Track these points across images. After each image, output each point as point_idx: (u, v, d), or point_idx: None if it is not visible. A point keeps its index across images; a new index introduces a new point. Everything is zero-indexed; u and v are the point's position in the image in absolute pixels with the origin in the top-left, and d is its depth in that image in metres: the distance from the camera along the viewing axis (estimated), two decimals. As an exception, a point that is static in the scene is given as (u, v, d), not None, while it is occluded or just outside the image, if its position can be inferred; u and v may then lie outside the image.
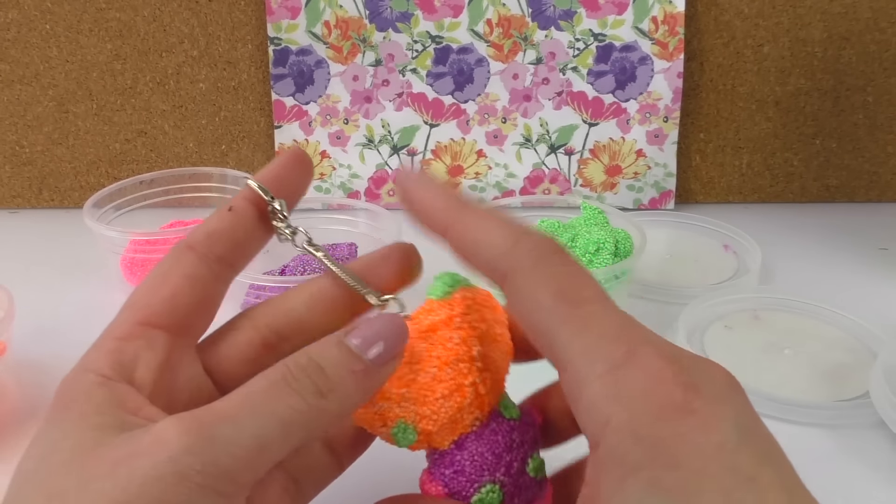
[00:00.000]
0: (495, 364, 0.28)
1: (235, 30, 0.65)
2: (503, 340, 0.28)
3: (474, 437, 0.27)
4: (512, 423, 0.28)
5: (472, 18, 0.64)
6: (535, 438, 0.28)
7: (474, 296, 0.28)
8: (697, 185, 0.69)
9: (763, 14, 0.63)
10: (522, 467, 0.27)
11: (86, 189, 0.69)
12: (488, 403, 0.27)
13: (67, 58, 0.65)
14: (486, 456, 0.27)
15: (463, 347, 0.27)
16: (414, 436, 0.27)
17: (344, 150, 0.67)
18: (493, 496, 0.26)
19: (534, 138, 0.67)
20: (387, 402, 0.26)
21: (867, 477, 0.38)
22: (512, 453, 0.27)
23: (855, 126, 0.67)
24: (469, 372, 0.26)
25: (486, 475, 0.27)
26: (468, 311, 0.27)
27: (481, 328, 0.27)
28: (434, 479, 0.27)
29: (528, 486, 0.27)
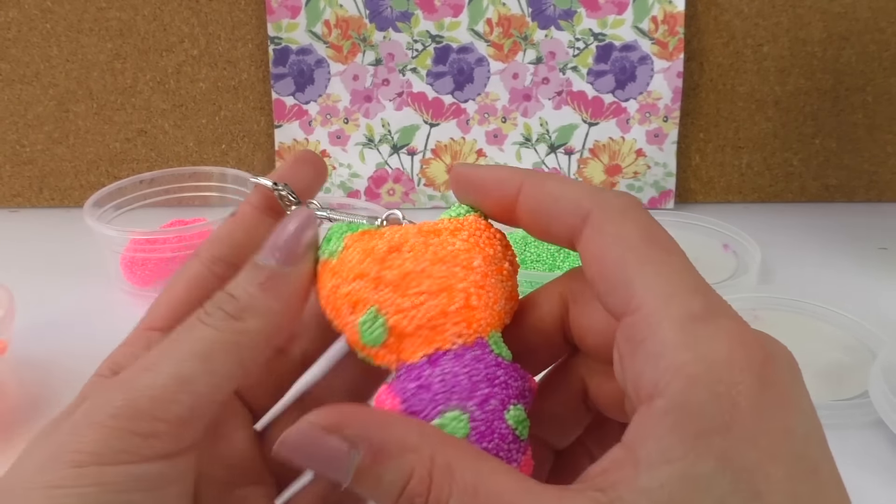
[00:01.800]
0: (493, 292, 0.24)
1: (236, 29, 0.65)
2: (508, 279, 0.25)
3: (453, 355, 0.23)
4: (500, 360, 0.23)
5: (473, 18, 0.64)
6: (523, 390, 0.24)
7: (489, 225, 0.25)
8: (697, 185, 0.69)
9: (763, 14, 0.64)
10: (502, 410, 0.23)
11: (86, 188, 0.69)
12: (479, 323, 0.23)
13: (68, 57, 0.65)
14: (460, 378, 0.22)
15: (464, 254, 0.24)
16: (383, 332, 0.23)
17: (344, 149, 0.67)
18: (458, 425, 0.22)
19: (534, 138, 0.67)
20: (361, 281, 0.23)
21: (866, 476, 0.38)
22: (493, 388, 0.23)
23: (854, 126, 0.67)
24: (464, 278, 0.23)
25: (454, 399, 0.22)
26: (478, 231, 0.24)
27: (488, 252, 0.24)
28: (392, 392, 0.23)
29: (502, 434, 0.23)
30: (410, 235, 0.24)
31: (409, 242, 0.24)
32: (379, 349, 0.23)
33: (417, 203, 0.69)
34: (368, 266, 0.23)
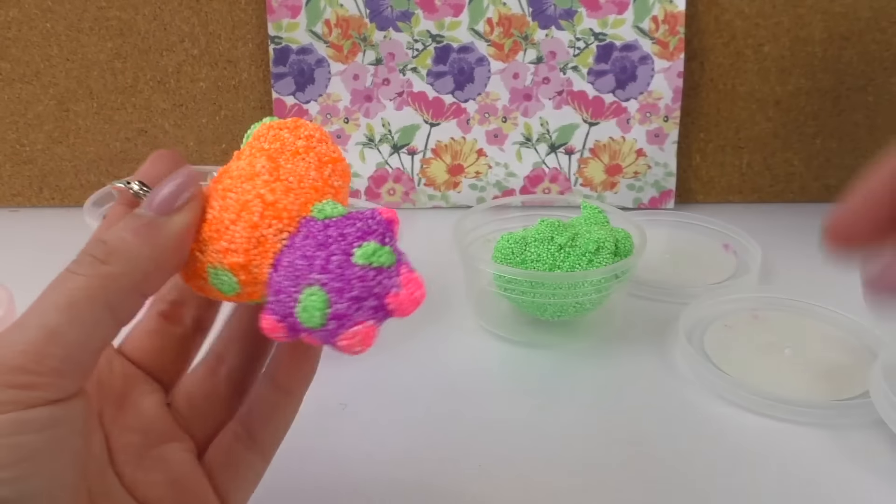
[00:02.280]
0: (294, 173, 0.25)
1: (236, 28, 0.65)
2: (309, 152, 0.26)
3: (286, 251, 0.24)
4: (326, 222, 0.24)
5: (473, 17, 0.64)
6: (367, 230, 0.24)
7: (270, 125, 0.27)
8: (698, 185, 0.69)
9: (763, 14, 0.63)
10: (346, 259, 0.23)
11: (86, 188, 0.69)
12: (286, 210, 0.25)
13: (68, 56, 0.65)
14: (296, 263, 0.24)
15: (246, 168, 0.25)
16: (231, 277, 0.24)
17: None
18: (315, 298, 0.23)
19: (534, 137, 0.67)
20: (194, 254, 0.25)
21: (867, 476, 0.38)
22: (326, 249, 0.24)
23: (855, 126, 0.67)
24: (253, 187, 0.24)
25: (300, 280, 0.23)
26: (259, 139, 0.26)
27: (273, 147, 0.26)
28: (266, 313, 0.24)
29: (361, 277, 0.23)
30: (211, 189, 0.25)
31: (210, 196, 0.25)
32: (241, 291, 0.25)
33: (418, 203, 0.69)
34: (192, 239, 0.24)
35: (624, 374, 0.46)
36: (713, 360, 0.46)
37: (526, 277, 0.46)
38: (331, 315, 0.23)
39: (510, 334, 0.50)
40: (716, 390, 0.44)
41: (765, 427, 0.41)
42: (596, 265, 0.46)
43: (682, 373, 0.46)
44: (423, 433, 0.41)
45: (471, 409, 0.43)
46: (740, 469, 0.39)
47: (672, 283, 0.55)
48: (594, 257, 0.46)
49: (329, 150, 0.27)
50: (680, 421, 0.42)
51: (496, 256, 0.49)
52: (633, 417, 0.43)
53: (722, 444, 0.40)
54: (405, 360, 0.48)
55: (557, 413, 0.43)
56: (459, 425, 0.42)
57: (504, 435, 0.41)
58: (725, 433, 0.41)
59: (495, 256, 0.49)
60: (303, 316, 0.23)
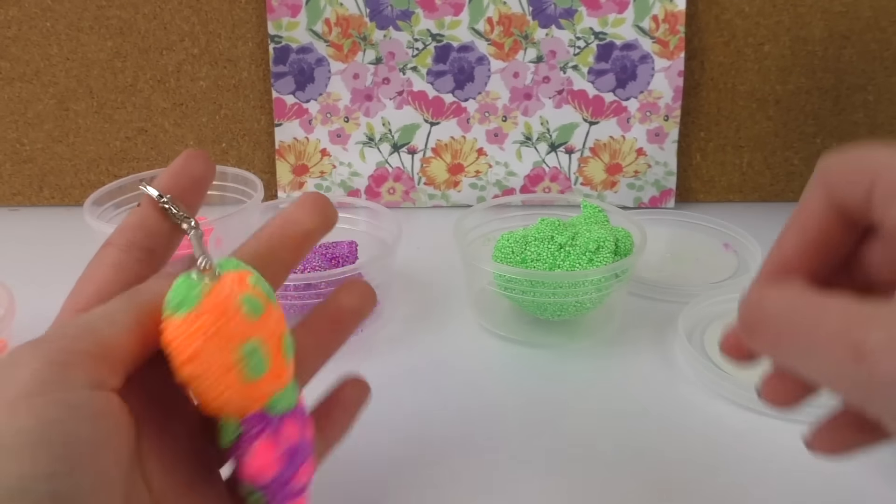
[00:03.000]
0: (219, 366, 0.24)
1: (236, 28, 0.65)
2: (246, 330, 0.24)
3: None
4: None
5: (473, 17, 0.64)
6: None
7: (211, 294, 0.24)
8: (698, 184, 0.69)
9: (764, 13, 0.63)
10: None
11: (86, 187, 0.69)
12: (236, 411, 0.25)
13: (68, 55, 0.65)
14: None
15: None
16: (235, 430, 0.26)
17: (344, 148, 0.67)
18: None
19: (534, 137, 0.67)
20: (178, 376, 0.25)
21: (867, 476, 0.38)
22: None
23: (855, 125, 0.67)
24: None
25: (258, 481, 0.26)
26: (201, 317, 0.24)
27: (209, 345, 0.24)
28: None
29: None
30: None
31: None
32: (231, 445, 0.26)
33: (418, 202, 0.68)
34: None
35: (624, 373, 0.46)
36: (713, 359, 0.46)
37: (526, 277, 0.46)
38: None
39: (510, 333, 0.50)
40: (716, 389, 0.44)
41: (765, 426, 0.41)
42: (596, 264, 0.46)
43: (683, 372, 0.46)
44: (422, 432, 0.41)
45: (471, 408, 0.43)
46: (741, 468, 0.39)
47: (672, 282, 0.55)
48: (594, 256, 0.46)
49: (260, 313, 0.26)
50: (680, 420, 0.42)
51: (496, 256, 0.49)
52: (633, 416, 0.43)
53: (722, 443, 0.40)
54: (405, 360, 0.48)
55: (557, 412, 0.43)
56: (459, 424, 0.42)
57: (504, 434, 0.41)
58: (726, 432, 0.41)
59: (495, 256, 0.49)
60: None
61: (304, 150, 0.67)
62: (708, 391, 0.44)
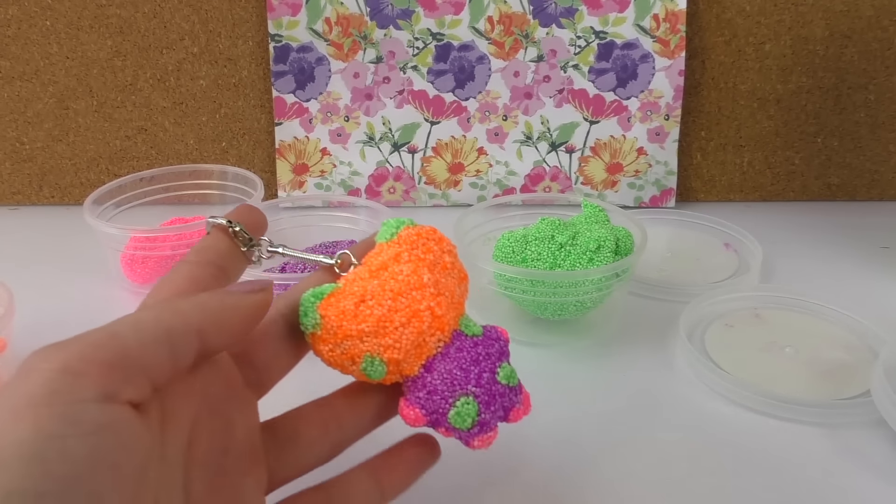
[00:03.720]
0: (448, 288, 0.30)
1: (236, 26, 0.65)
2: (454, 268, 0.30)
3: (440, 357, 0.29)
4: (475, 339, 0.30)
5: (474, 16, 0.64)
6: (501, 351, 0.30)
7: (419, 231, 0.30)
8: (698, 184, 0.69)
9: (765, 12, 0.63)
10: (493, 377, 0.29)
11: (86, 186, 0.69)
12: (448, 324, 0.29)
13: (68, 54, 0.65)
14: (454, 372, 0.29)
15: (413, 277, 0.28)
16: (383, 367, 0.28)
17: (344, 147, 0.67)
18: (469, 407, 0.28)
19: (535, 136, 0.67)
20: (350, 339, 0.28)
21: (867, 476, 0.38)
22: (479, 365, 0.29)
23: (856, 124, 0.67)
24: (423, 297, 0.28)
25: (458, 389, 0.28)
26: (414, 245, 0.29)
27: (429, 258, 0.29)
28: (411, 404, 0.29)
29: (501, 393, 0.29)
30: (365, 282, 0.29)
31: (367, 291, 0.28)
32: (386, 378, 0.29)
33: (418, 201, 0.68)
34: (347, 327, 0.28)
35: (624, 373, 0.46)
36: (714, 358, 0.46)
37: (526, 276, 0.46)
38: (478, 422, 0.29)
39: (511, 333, 0.50)
40: (717, 389, 0.44)
41: (765, 426, 0.41)
42: (596, 264, 0.46)
43: (683, 372, 0.46)
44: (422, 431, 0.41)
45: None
46: (741, 468, 0.38)
47: (673, 281, 0.55)
48: (595, 256, 0.46)
49: (461, 265, 0.31)
50: (680, 420, 0.42)
51: (497, 255, 0.48)
52: (633, 416, 0.43)
53: (722, 443, 0.40)
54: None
55: (557, 411, 0.43)
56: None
57: (503, 433, 0.41)
58: (726, 432, 0.41)
59: (496, 255, 0.49)
60: (455, 419, 0.29)
61: (305, 150, 0.67)
62: (708, 391, 0.44)
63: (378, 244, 0.30)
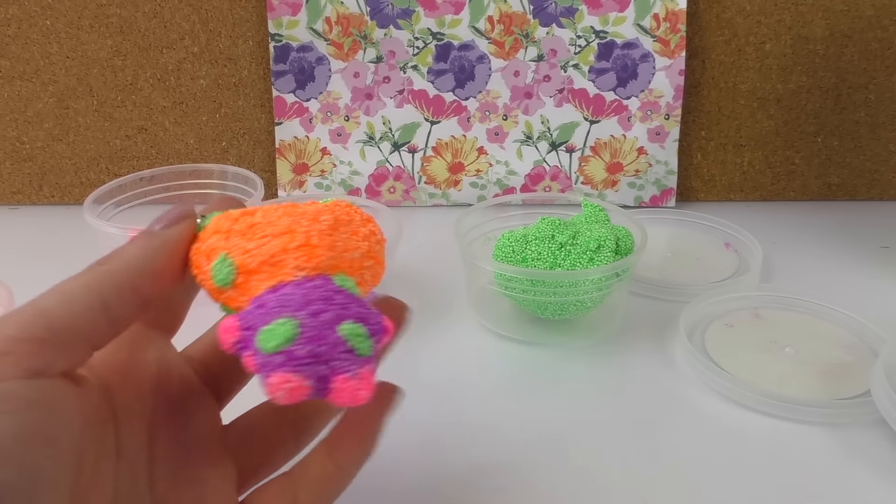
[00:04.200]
0: (345, 243, 0.26)
1: (236, 26, 0.65)
2: (365, 240, 0.27)
3: (293, 285, 0.25)
4: (341, 289, 0.25)
5: (474, 15, 0.64)
6: (366, 318, 0.25)
7: (352, 206, 0.28)
8: (699, 183, 0.69)
9: (765, 11, 0.63)
10: (334, 322, 0.24)
11: (86, 185, 0.69)
12: (317, 258, 0.25)
13: (68, 54, 0.65)
14: (295, 297, 0.24)
15: (312, 212, 0.26)
16: (231, 272, 0.25)
17: (345, 146, 0.67)
18: (283, 328, 0.23)
19: (535, 135, 0.67)
20: (216, 236, 0.26)
21: (868, 476, 0.38)
22: (328, 305, 0.24)
23: (857, 124, 0.67)
24: (307, 226, 0.26)
25: (286, 311, 0.24)
26: (336, 206, 0.28)
27: (342, 217, 0.27)
28: (234, 317, 0.25)
29: (333, 343, 0.24)
30: (269, 208, 0.26)
31: (263, 209, 0.26)
32: (230, 291, 0.25)
33: (418, 201, 0.68)
34: (222, 223, 0.26)
35: (625, 372, 0.46)
36: (714, 358, 0.46)
37: (526, 276, 0.46)
38: (284, 350, 0.23)
39: (511, 333, 0.50)
40: (717, 389, 0.44)
41: (765, 425, 0.41)
42: (597, 263, 0.46)
43: (683, 371, 0.46)
44: (422, 431, 0.41)
45: (471, 408, 0.43)
46: (741, 468, 0.38)
47: (673, 281, 0.55)
48: (595, 256, 0.46)
49: (380, 251, 0.28)
50: (681, 420, 0.42)
51: (497, 255, 0.48)
52: (633, 416, 0.43)
53: (723, 443, 0.40)
54: (405, 359, 0.48)
55: (558, 411, 0.43)
56: (459, 423, 0.42)
57: (504, 433, 0.41)
58: (726, 432, 0.41)
59: (496, 255, 0.49)
60: (262, 336, 0.23)
61: (305, 149, 0.67)
62: (708, 391, 0.44)
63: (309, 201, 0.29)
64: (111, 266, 0.24)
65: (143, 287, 0.24)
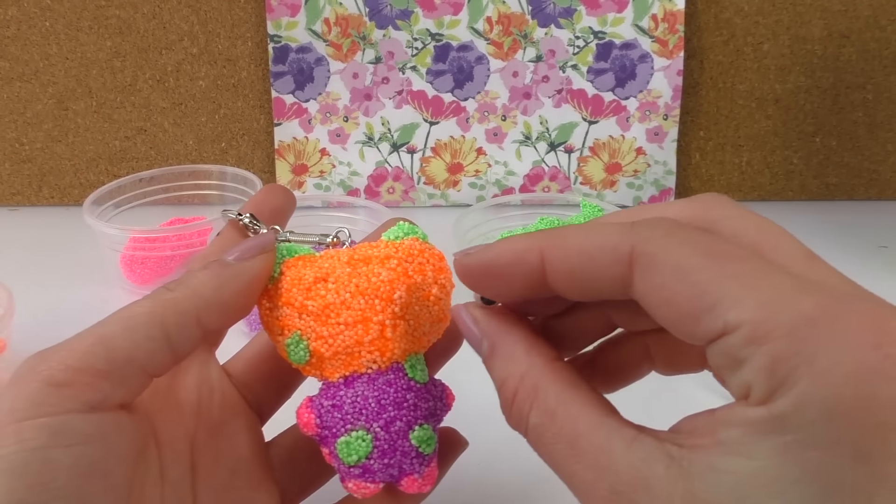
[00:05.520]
0: (417, 319, 0.27)
1: (235, 27, 0.65)
2: (436, 304, 0.27)
3: (367, 379, 0.25)
4: (412, 384, 0.26)
5: (472, 16, 0.64)
6: (434, 411, 0.27)
7: (423, 249, 0.27)
8: (697, 183, 0.69)
9: (763, 12, 0.63)
10: (406, 430, 0.25)
11: (85, 186, 0.69)
12: (392, 352, 0.26)
13: (67, 55, 0.65)
14: (369, 400, 0.25)
15: (385, 286, 0.25)
16: (306, 353, 0.26)
17: (344, 147, 0.67)
18: (361, 444, 0.25)
19: (534, 136, 0.67)
20: (289, 307, 0.26)
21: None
22: (399, 411, 0.25)
23: (854, 124, 0.67)
24: (382, 311, 0.25)
25: (361, 419, 0.25)
26: (409, 258, 0.26)
27: (416, 280, 0.26)
28: (311, 407, 0.26)
29: (405, 451, 0.25)
30: (339, 265, 0.26)
31: (335, 273, 0.26)
32: (304, 366, 0.26)
33: (417, 201, 0.68)
34: (295, 295, 0.26)
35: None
36: (713, 358, 0.46)
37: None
38: (363, 465, 0.25)
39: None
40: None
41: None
42: (595, 263, 0.46)
43: (682, 371, 0.46)
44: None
45: (469, 409, 0.43)
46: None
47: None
48: (594, 256, 0.46)
49: (447, 306, 0.28)
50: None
51: (496, 255, 0.48)
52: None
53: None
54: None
55: (557, 411, 0.43)
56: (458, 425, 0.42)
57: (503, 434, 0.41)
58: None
59: (495, 255, 0.49)
60: (341, 448, 0.25)
61: (304, 150, 0.67)
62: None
63: (380, 240, 0.28)
64: (177, 294, 0.23)
65: (209, 320, 0.24)
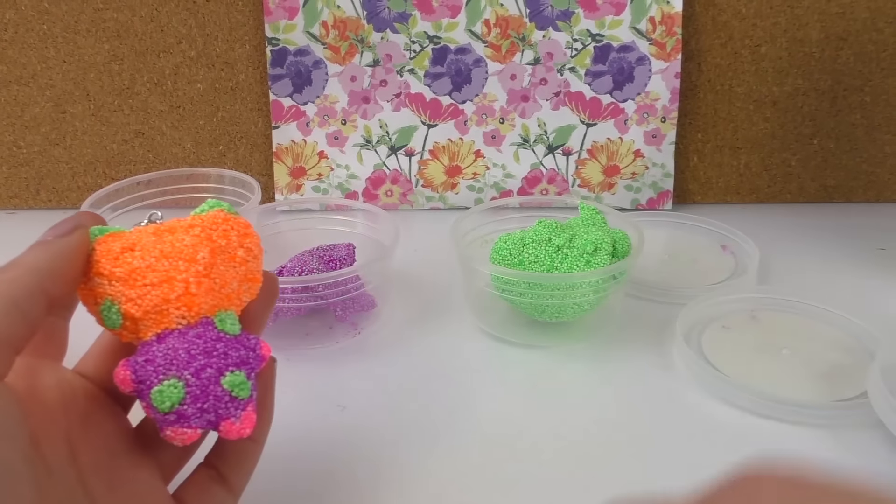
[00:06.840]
0: (223, 278, 0.29)
1: (233, 30, 0.65)
2: (243, 263, 0.29)
3: (177, 333, 0.28)
4: (221, 335, 0.28)
5: (470, 19, 0.64)
6: (243, 359, 0.28)
7: (227, 217, 0.30)
8: (695, 186, 0.69)
9: (761, 14, 0.64)
10: (217, 376, 0.28)
11: (83, 190, 0.69)
12: (200, 306, 0.28)
13: (65, 58, 0.65)
14: (179, 351, 0.27)
15: (189, 249, 0.28)
16: (119, 318, 0.28)
17: (342, 150, 0.67)
18: (174, 391, 0.27)
19: (532, 138, 0.67)
20: (99, 277, 0.28)
21: (865, 476, 0.38)
22: (209, 359, 0.28)
23: (852, 126, 0.67)
24: (186, 270, 0.28)
25: (173, 369, 0.27)
26: (213, 226, 0.29)
27: (219, 243, 0.29)
28: (126, 365, 0.27)
29: (218, 396, 0.27)
30: (145, 236, 0.29)
31: (141, 242, 0.28)
32: (120, 331, 0.28)
33: (415, 204, 0.68)
34: (104, 264, 0.28)
35: (622, 375, 0.46)
36: (711, 360, 0.46)
37: (523, 278, 0.46)
38: (176, 410, 0.27)
39: (508, 335, 0.50)
40: (714, 391, 0.44)
41: (763, 428, 0.41)
42: (593, 266, 0.46)
43: (680, 374, 0.46)
44: (421, 434, 0.41)
45: (468, 410, 0.43)
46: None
47: (670, 283, 0.55)
48: (592, 258, 0.46)
49: (257, 267, 0.30)
50: (678, 422, 0.42)
51: (494, 257, 0.49)
52: (630, 418, 0.43)
53: (720, 445, 0.40)
54: (402, 362, 0.48)
55: (555, 414, 0.43)
56: (457, 426, 0.42)
57: (502, 435, 0.41)
58: (723, 434, 0.41)
59: (493, 257, 0.49)
60: (155, 396, 0.27)
61: (302, 153, 0.67)
62: (706, 392, 0.44)
63: (190, 216, 0.30)
64: (16, 273, 0.25)
65: (51, 288, 0.26)
